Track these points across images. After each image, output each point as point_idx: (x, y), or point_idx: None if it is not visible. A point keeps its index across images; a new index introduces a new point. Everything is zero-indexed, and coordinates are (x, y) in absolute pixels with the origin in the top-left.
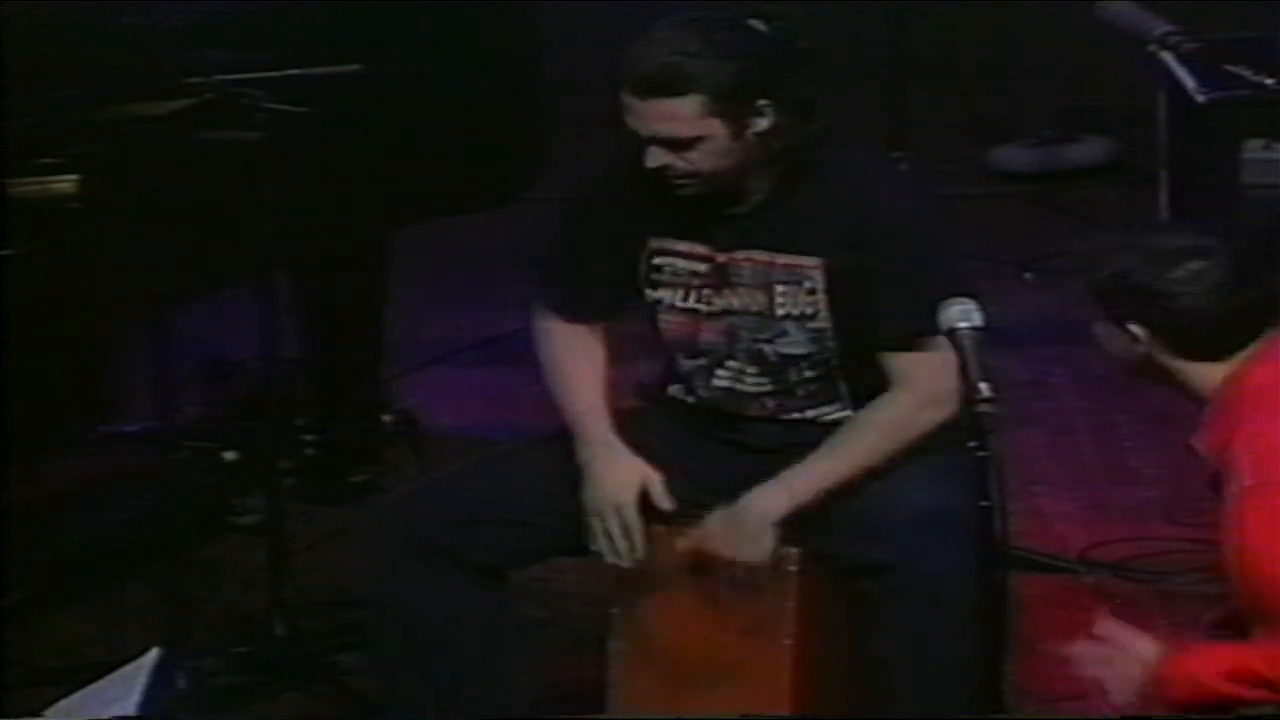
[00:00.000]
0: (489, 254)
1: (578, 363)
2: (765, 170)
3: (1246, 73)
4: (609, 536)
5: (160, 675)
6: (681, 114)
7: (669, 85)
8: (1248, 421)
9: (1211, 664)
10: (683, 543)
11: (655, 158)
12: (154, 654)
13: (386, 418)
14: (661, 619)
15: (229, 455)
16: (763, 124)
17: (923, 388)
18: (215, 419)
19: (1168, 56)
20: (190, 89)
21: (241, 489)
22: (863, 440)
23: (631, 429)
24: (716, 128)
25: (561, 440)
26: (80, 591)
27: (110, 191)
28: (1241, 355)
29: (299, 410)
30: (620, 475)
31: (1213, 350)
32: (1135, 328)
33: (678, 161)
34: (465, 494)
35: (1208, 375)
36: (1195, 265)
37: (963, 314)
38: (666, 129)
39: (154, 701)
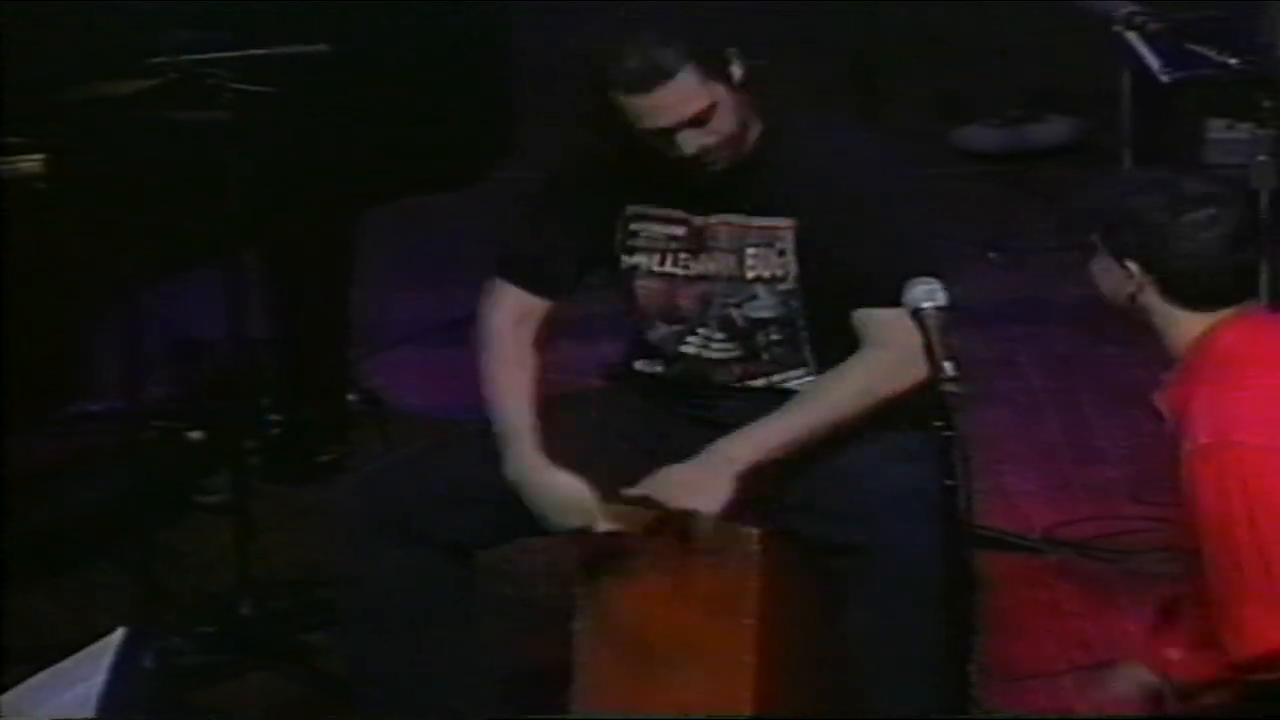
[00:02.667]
0: (456, 235)
1: (512, 364)
2: (748, 133)
3: (1210, 52)
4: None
5: (126, 654)
6: (688, 90)
7: (666, 70)
8: (1209, 383)
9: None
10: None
11: (691, 142)
12: (120, 633)
13: (351, 397)
14: (626, 598)
15: (195, 435)
16: (738, 72)
17: (899, 345)
18: (181, 398)
19: (1132, 36)
20: (156, 69)
21: (207, 469)
22: (835, 394)
23: (598, 410)
24: (718, 91)
25: None
26: (48, 571)
27: (77, 171)
28: (1221, 314)
29: (265, 390)
30: (559, 499)
31: (1200, 299)
32: (1133, 265)
33: (707, 137)
34: (433, 474)
35: (1186, 327)
36: (1211, 211)
37: (927, 293)
38: (684, 110)
39: (120, 680)
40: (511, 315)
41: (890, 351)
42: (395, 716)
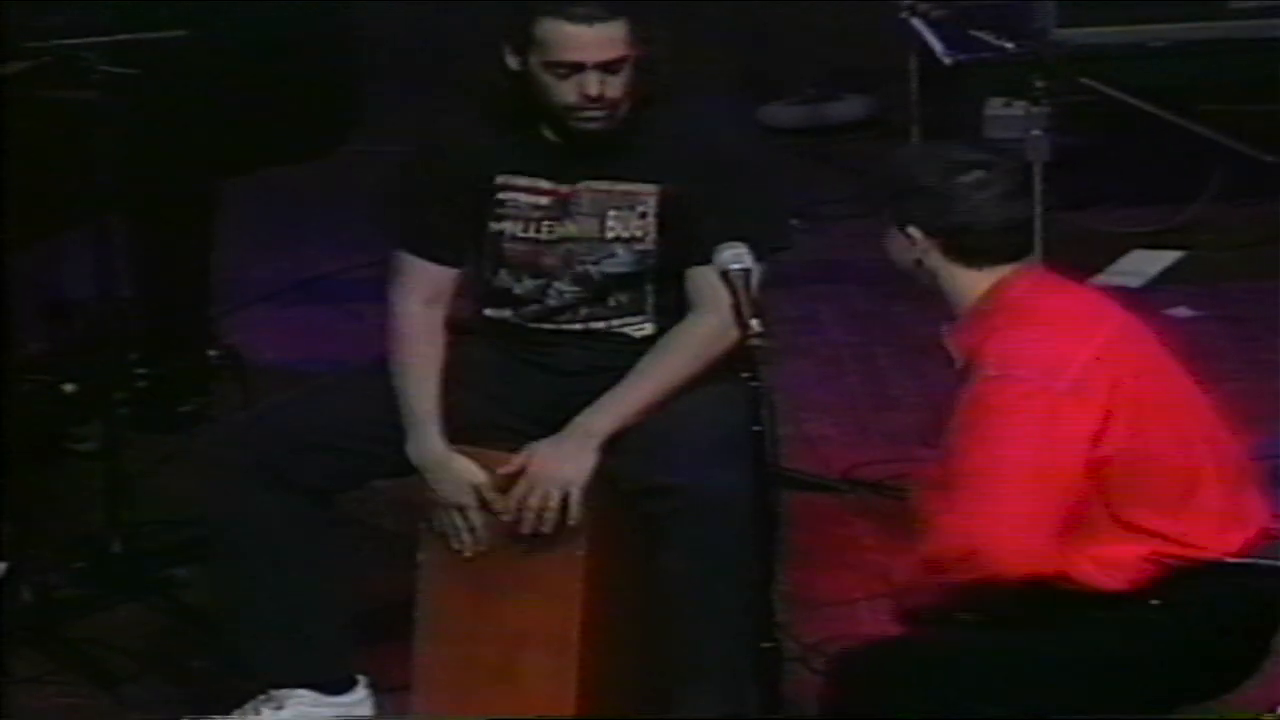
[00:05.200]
0: (307, 202)
1: (423, 350)
2: (623, 105)
3: (989, 37)
4: (455, 529)
5: (6, 588)
6: (618, 37)
7: (607, 13)
8: (1000, 329)
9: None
10: (503, 466)
11: (594, 84)
12: (0, 568)
13: (212, 352)
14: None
15: (68, 387)
16: (641, 50)
17: (725, 309)
18: (55, 354)
19: (918, 22)
20: (31, 52)
21: (80, 418)
22: (674, 359)
23: (450, 365)
24: (631, 50)
25: (379, 373)
26: None
27: None
28: (1002, 269)
29: (132, 346)
30: (457, 478)
31: (978, 257)
32: (914, 230)
33: (607, 88)
34: (294, 422)
35: (969, 282)
36: (980, 175)
37: (735, 257)
38: (608, 53)
39: (1, 611)
40: (421, 296)
41: (717, 316)
42: (255, 643)
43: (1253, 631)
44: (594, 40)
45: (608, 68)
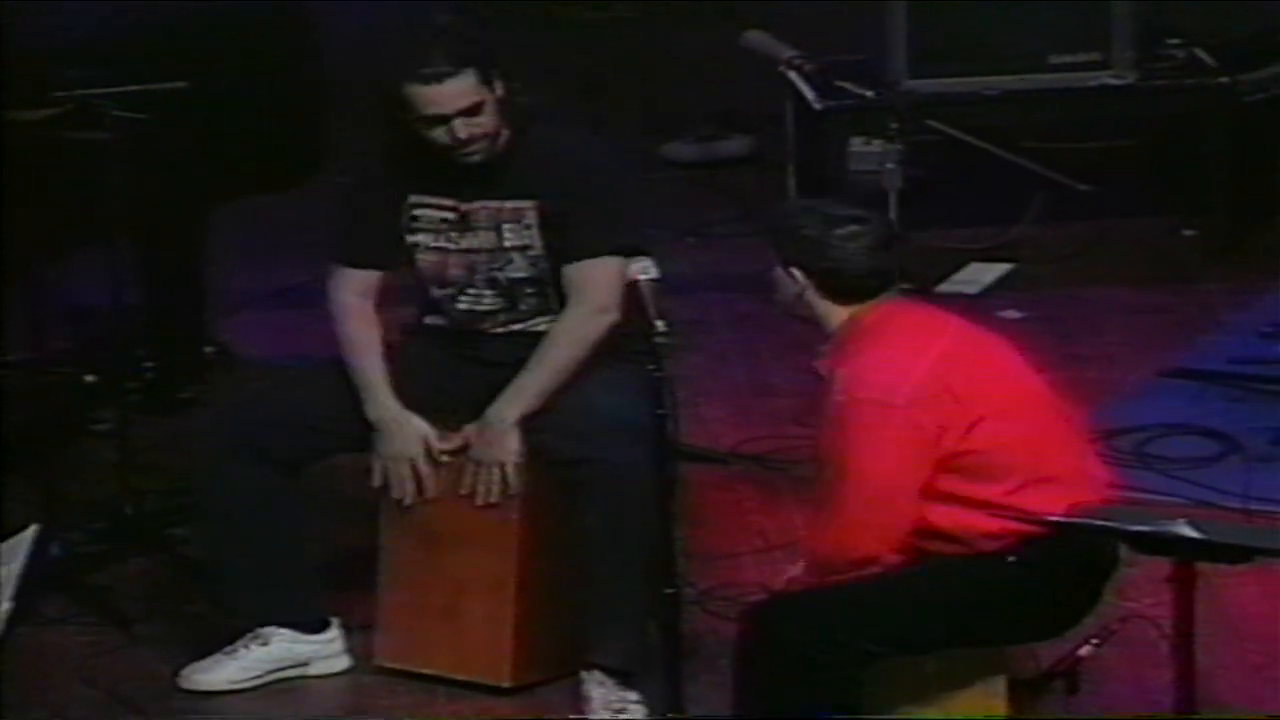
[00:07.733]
0: (284, 224)
1: (363, 330)
2: (500, 134)
3: (852, 86)
4: (399, 479)
5: (38, 545)
6: (466, 88)
7: (453, 70)
8: (852, 353)
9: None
10: (443, 444)
11: (464, 129)
12: (33, 529)
13: (207, 349)
14: (419, 498)
15: (87, 378)
16: (500, 87)
17: (592, 299)
18: (76, 350)
19: (793, 75)
20: (56, 101)
21: (97, 404)
22: (554, 351)
23: (397, 359)
24: (485, 93)
25: (341, 366)
26: None
27: None
28: (864, 305)
29: (140, 343)
30: (409, 433)
31: (848, 295)
32: (797, 271)
33: (474, 128)
34: (272, 407)
35: (835, 314)
36: (854, 228)
37: (643, 269)
38: (462, 102)
39: (34, 564)
40: (354, 291)
41: (588, 305)
42: (241, 591)
43: (1088, 581)
44: (447, 94)
45: (468, 113)
